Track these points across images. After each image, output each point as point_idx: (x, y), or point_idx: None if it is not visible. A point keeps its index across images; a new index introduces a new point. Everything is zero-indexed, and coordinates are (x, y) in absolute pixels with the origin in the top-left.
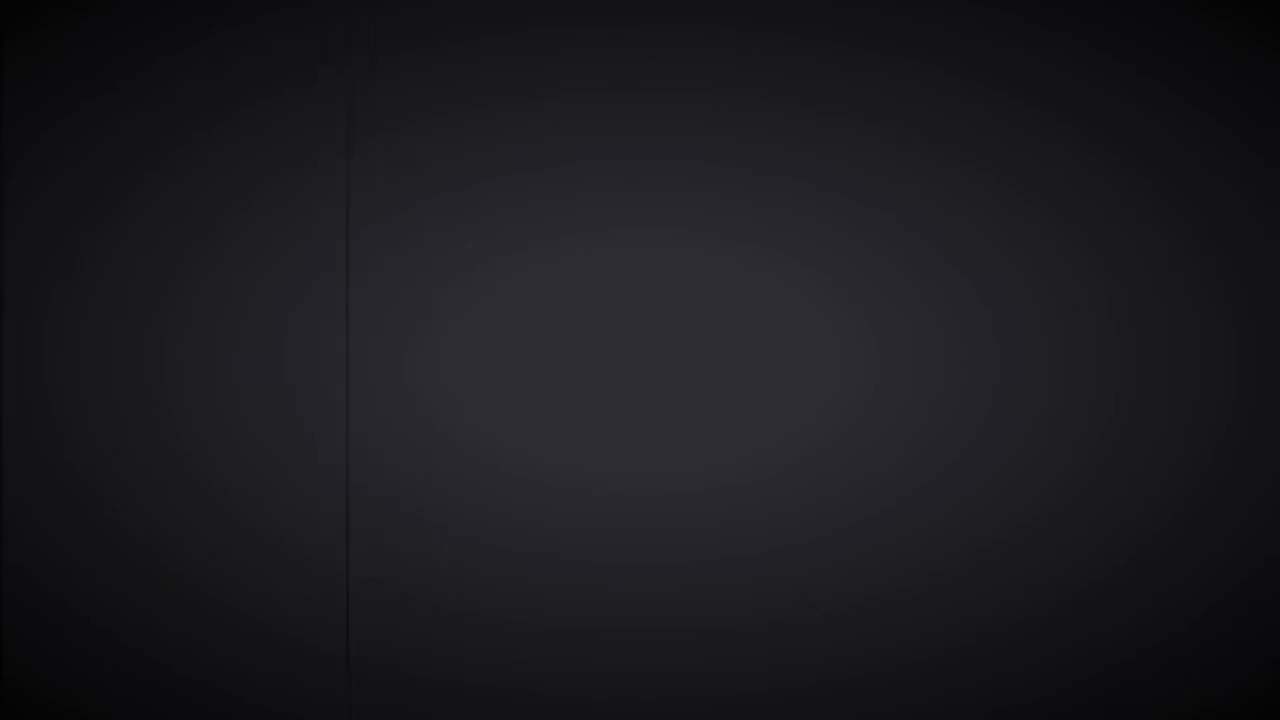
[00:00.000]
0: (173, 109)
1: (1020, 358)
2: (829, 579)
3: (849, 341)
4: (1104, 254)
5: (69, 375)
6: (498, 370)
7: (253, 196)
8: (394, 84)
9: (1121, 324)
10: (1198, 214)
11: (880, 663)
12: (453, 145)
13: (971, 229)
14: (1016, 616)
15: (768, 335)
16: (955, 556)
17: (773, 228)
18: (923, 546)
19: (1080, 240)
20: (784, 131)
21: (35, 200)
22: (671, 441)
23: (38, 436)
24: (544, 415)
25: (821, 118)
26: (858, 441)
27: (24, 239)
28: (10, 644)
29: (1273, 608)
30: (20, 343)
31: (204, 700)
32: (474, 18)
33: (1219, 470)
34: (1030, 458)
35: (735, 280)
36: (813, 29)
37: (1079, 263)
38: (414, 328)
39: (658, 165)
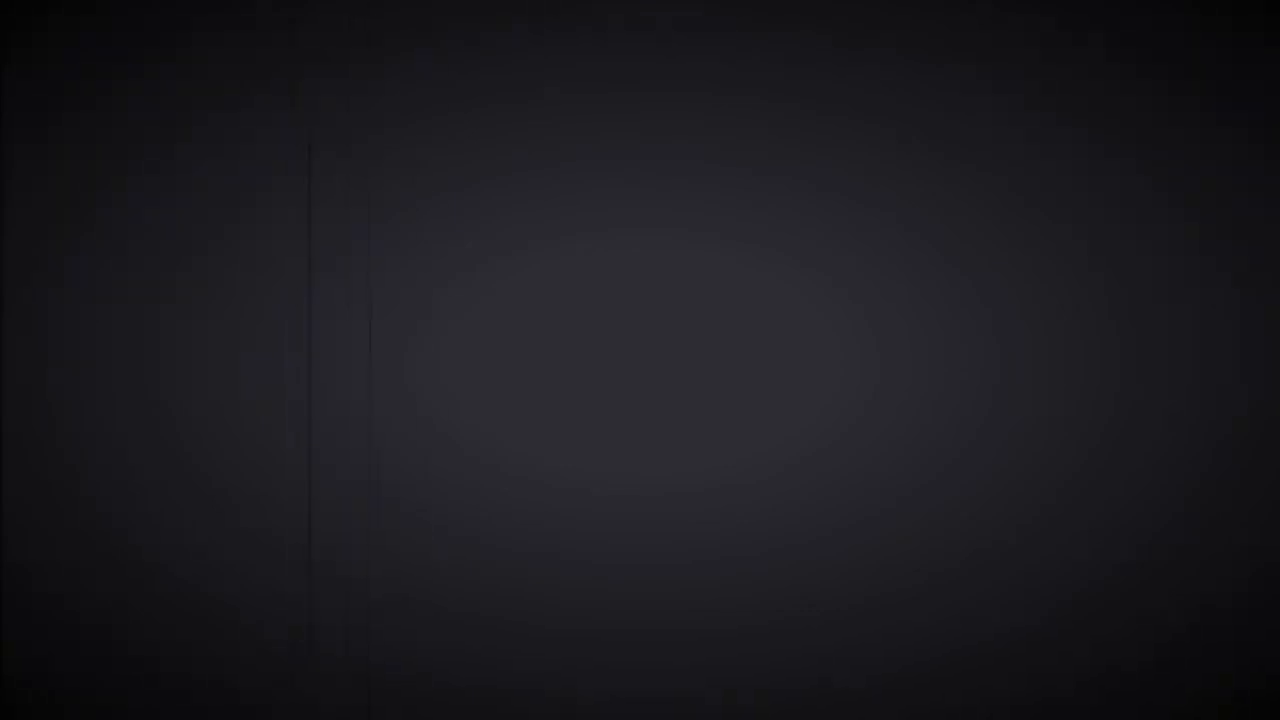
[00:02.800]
0: (173, 109)
1: (1020, 358)
2: (829, 579)
3: (849, 342)
4: (1104, 254)
5: (68, 375)
6: (498, 370)
7: (252, 196)
8: (394, 84)
9: (1121, 324)
10: (1198, 214)
11: (880, 663)
12: (453, 145)
13: (971, 229)
14: (1017, 616)
15: (768, 335)
16: (955, 556)
17: (773, 228)
18: (923, 546)
19: (1080, 240)
20: (784, 131)
21: (34, 199)
22: (671, 441)
23: (37, 436)
24: (544, 415)
25: (821, 118)
26: (858, 441)
27: (23, 238)
28: (10, 644)
29: (1273, 608)
30: (19, 342)
31: (201, 698)
32: (474, 17)
33: (1219, 470)
34: (1030, 458)
35: (735, 280)
36: (812, 29)
37: (1079, 263)
38: (414, 328)
39: (658, 165)
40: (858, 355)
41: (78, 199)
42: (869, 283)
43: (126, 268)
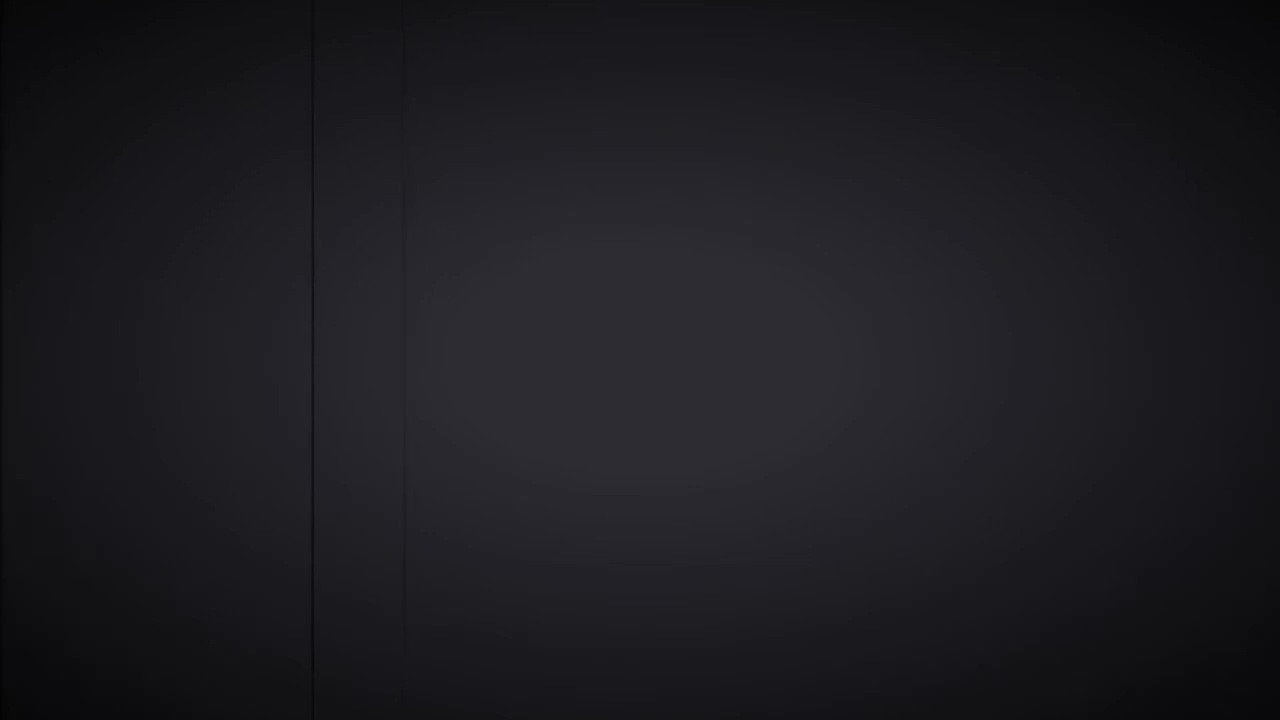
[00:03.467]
0: (172, 105)
1: (1037, 361)
2: (831, 589)
3: (853, 344)
4: (1131, 249)
5: (57, 380)
6: (498, 371)
7: (246, 192)
8: (393, 76)
9: (1150, 325)
10: (1234, 204)
11: (883, 681)
12: (453, 145)
13: (988, 221)
14: (1027, 636)
15: (770, 338)
16: (965, 571)
17: (773, 229)
18: (932, 560)
19: (1105, 233)
20: (786, 131)
21: (31, 198)
22: (672, 444)
23: (39, 439)
24: (544, 417)
25: (824, 116)
26: (862, 446)
27: (19, 237)
28: (10, 644)
29: None
30: (20, 344)
31: (202, 706)
32: (475, 14)
33: (1254, 487)
34: (1046, 469)
35: (735, 281)
36: (831, 17)
37: (1104, 258)
38: (413, 328)
39: (658, 165)
40: (861, 358)
41: (71, 197)
42: (873, 284)
43: (104, 265)
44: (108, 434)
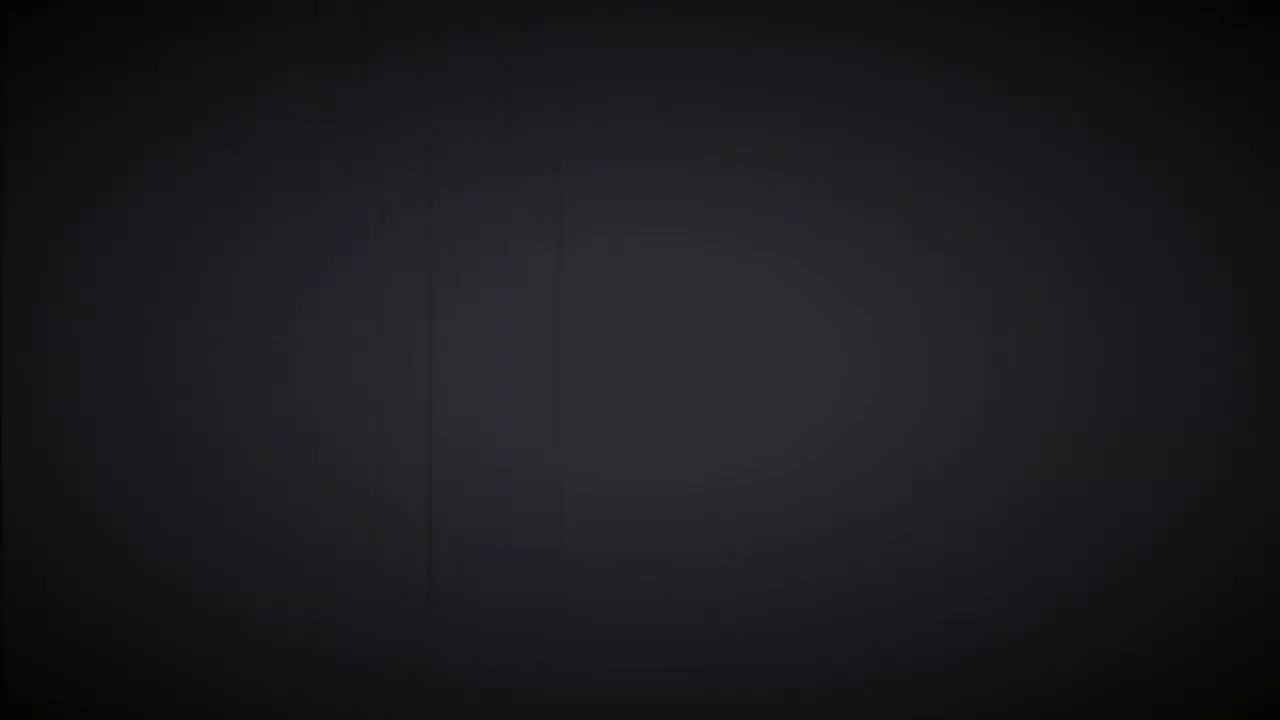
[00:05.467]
0: (174, 109)
1: (1019, 360)
2: (829, 580)
3: (851, 345)
4: (1106, 255)
5: (69, 375)
6: (499, 371)
7: (253, 197)
8: (394, 85)
9: (1124, 326)
10: (1199, 215)
11: (881, 665)
12: (453, 147)
13: (980, 231)
14: (1016, 619)
15: (768, 338)
16: (957, 558)
17: (776, 232)
18: (925, 549)
19: (1081, 242)
20: (789, 134)
21: (34, 199)
22: (673, 444)
23: (37, 438)
24: (544, 417)
25: (825, 121)
26: (859, 445)
27: (24, 238)
28: (10, 644)
29: (1272, 609)
30: (19, 342)
31: (203, 699)
32: (473, 18)
33: (1218, 471)
34: (1030, 460)
35: (735, 283)
36: (818, 31)
37: (1078, 265)
38: (413, 328)
39: (658, 166)
40: (860, 359)
41: (79, 198)
42: (869, 288)
43: (128, 268)
44: (130, 431)
